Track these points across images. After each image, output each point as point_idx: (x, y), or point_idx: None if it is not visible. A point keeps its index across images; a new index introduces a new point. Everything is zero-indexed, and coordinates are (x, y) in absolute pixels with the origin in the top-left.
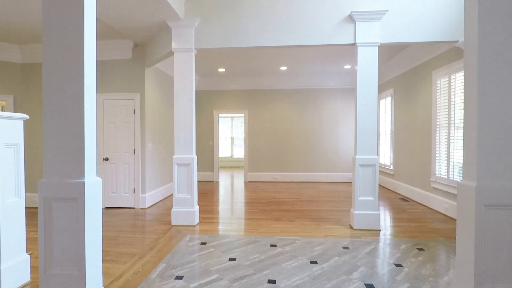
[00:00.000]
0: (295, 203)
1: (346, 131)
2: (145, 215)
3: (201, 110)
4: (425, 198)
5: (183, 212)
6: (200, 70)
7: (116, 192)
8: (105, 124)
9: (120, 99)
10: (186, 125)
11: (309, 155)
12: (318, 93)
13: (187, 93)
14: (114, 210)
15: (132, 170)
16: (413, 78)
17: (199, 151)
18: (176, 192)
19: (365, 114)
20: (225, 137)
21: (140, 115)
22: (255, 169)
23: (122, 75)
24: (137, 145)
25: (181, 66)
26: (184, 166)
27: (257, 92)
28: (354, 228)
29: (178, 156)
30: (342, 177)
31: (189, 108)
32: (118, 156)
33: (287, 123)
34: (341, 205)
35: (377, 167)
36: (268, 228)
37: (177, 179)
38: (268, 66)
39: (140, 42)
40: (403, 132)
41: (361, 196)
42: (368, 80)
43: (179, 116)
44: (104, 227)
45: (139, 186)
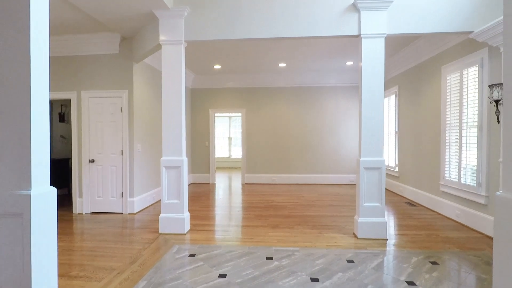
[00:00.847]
0: (294, 207)
1: (348, 130)
2: (132, 221)
3: (196, 109)
4: (434, 203)
5: (171, 219)
6: (194, 67)
7: (102, 196)
8: (91, 124)
9: (107, 97)
10: (175, 124)
11: (309, 156)
12: (318, 91)
13: (176, 89)
14: (100, 215)
15: (119, 172)
16: (420, 75)
17: (194, 152)
18: (164, 198)
19: (371, 113)
20: (223, 137)
21: (128, 113)
22: (253, 170)
23: (109, 71)
24: (125, 146)
25: (170, 60)
26: (172, 169)
27: (255, 90)
28: (359, 237)
29: (166, 158)
30: (343, 179)
31: (179, 106)
32: (104, 158)
33: (286, 122)
34: (343, 210)
35: (384, 170)
36: (264, 237)
37: (165, 183)
38: (266, 62)
39: (127, 36)
40: (408, 132)
41: (366, 202)
42: (374, 75)
43: (168, 115)
44: (85, 236)
45: (127, 190)
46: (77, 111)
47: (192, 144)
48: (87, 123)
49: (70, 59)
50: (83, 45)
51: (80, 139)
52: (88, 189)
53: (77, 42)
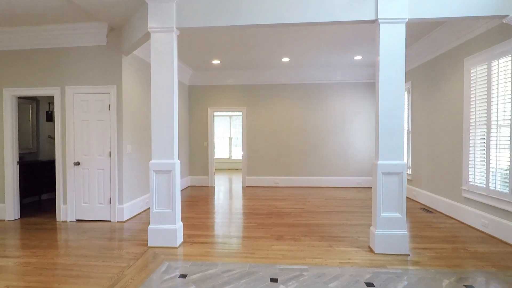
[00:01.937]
0: (299, 214)
1: (355, 130)
2: (120, 231)
3: (194, 107)
4: (454, 210)
5: (162, 230)
6: (192, 62)
7: (89, 202)
8: (76, 122)
9: (94, 93)
10: (166, 122)
11: (313, 157)
12: (324, 88)
13: (167, 83)
14: (86, 224)
15: (107, 176)
16: (437, 69)
17: (192, 153)
18: (154, 206)
19: (390, 110)
20: (223, 137)
21: (116, 111)
22: (254, 172)
23: (96, 65)
24: (113, 147)
25: (160, 50)
26: (163, 173)
27: (256, 87)
28: (376, 252)
29: (156, 161)
30: (350, 181)
31: (170, 102)
32: (91, 160)
33: (290, 121)
34: (354, 218)
35: (405, 176)
36: (267, 251)
37: (154, 190)
38: (269, 57)
39: (116, 25)
40: (423, 132)
41: (385, 212)
42: (393, 66)
43: (157, 112)
44: (64, 250)
45: (115, 195)
46: (61, 108)
47: (190, 145)
48: (71, 121)
49: (52, 51)
50: (66, 36)
51: (64, 139)
52: (73, 194)
53: (60, 33)
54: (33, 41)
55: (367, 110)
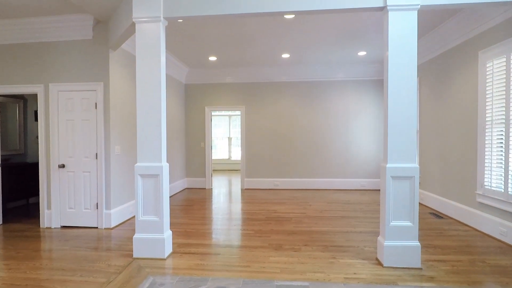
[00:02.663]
0: (300, 220)
1: (359, 130)
2: (106, 239)
3: (191, 106)
4: (467, 216)
5: (148, 240)
6: (187, 59)
7: (74, 207)
8: (60, 122)
9: (79, 90)
10: (153, 122)
11: (315, 158)
12: (326, 86)
13: (154, 79)
14: (71, 230)
15: (94, 179)
16: (447, 63)
17: (189, 154)
18: (139, 213)
19: (400, 107)
20: (223, 137)
21: (103, 110)
22: (253, 174)
23: (81, 60)
24: (100, 148)
25: (146, 42)
26: (149, 177)
27: (255, 85)
28: (385, 265)
29: (142, 164)
30: (354, 184)
31: (157, 100)
32: (76, 162)
33: (290, 121)
34: (358, 224)
35: (417, 180)
36: (264, 263)
37: (140, 196)
38: (268, 53)
39: (102, 18)
40: (432, 131)
41: (395, 221)
42: (404, 59)
43: (143, 110)
44: (41, 261)
45: (102, 200)
46: (45, 107)
47: (187, 146)
48: (56, 121)
49: (35, 46)
50: (50, 29)
51: (48, 140)
52: (57, 199)
53: (43, 26)
54: (14, 35)
55: (371, 109)
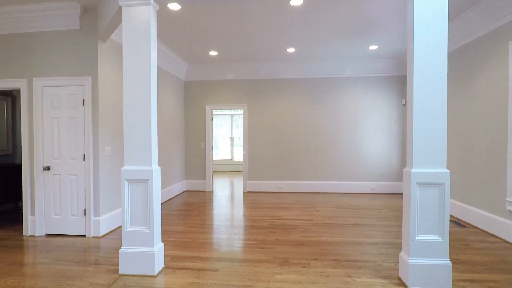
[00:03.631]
0: (308, 228)
1: (369, 130)
2: (93, 250)
3: (190, 105)
4: (496, 226)
5: (136, 255)
6: (186, 54)
7: (60, 213)
8: (45, 120)
9: (65, 86)
10: (142, 120)
11: (322, 159)
12: (334, 82)
13: (143, 71)
14: (57, 239)
15: (81, 183)
16: (472, 56)
17: (188, 155)
18: (126, 224)
19: (428, 104)
20: (225, 138)
21: (92, 106)
22: (256, 176)
23: (68, 52)
24: (88, 149)
25: (134, 29)
26: (138, 183)
27: (258, 82)
28: (409, 286)
29: (129, 167)
30: (363, 187)
31: (146, 95)
32: (63, 164)
33: (296, 120)
34: (373, 233)
35: (448, 187)
36: (269, 282)
37: (127, 203)
38: (272, 47)
39: (90, 5)
40: (453, 130)
41: (421, 235)
42: (432, 49)
43: (131, 107)
44: (14, 279)
45: (90, 206)
46: (28, 104)
47: (186, 146)
48: (40, 119)
49: (17, 38)
50: (33, 19)
51: (32, 140)
52: (42, 204)
53: (25, 15)
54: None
55: (382, 107)
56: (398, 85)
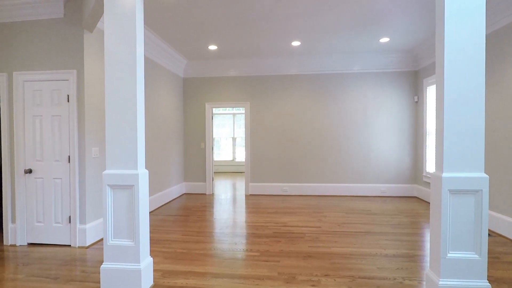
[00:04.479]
0: (316, 237)
1: (379, 129)
2: (77, 262)
3: (189, 103)
4: None
5: (120, 272)
6: (185, 49)
7: (43, 221)
8: (27, 118)
9: (49, 80)
10: (126, 117)
11: (329, 160)
12: (342, 79)
13: (127, 63)
14: (39, 249)
15: (66, 188)
16: (498, 45)
17: (187, 156)
18: (109, 236)
19: (462, 99)
20: (227, 137)
21: (77, 103)
22: (259, 178)
23: (51, 43)
24: (73, 149)
25: (116, 12)
26: (122, 189)
27: (261, 78)
28: None
29: (112, 171)
30: (373, 190)
31: (131, 89)
32: (46, 167)
33: (301, 119)
34: (389, 243)
35: (486, 195)
36: None
37: (109, 212)
38: (276, 41)
39: None
40: None
41: (454, 252)
42: (467, 35)
43: (113, 103)
44: None
45: (76, 212)
46: (8, 100)
47: (185, 146)
48: (21, 117)
49: None
50: (13, 7)
51: (12, 140)
52: (23, 210)
53: (4, 3)
54: None
55: (393, 104)
56: (410, 81)
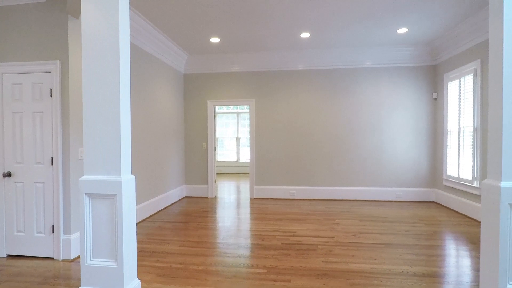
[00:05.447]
0: (330, 250)
1: (395, 128)
2: (59, 280)
3: (190, 100)
4: None
5: None
6: (185, 41)
7: (24, 230)
8: (5, 115)
9: (29, 72)
10: (107, 113)
11: (340, 162)
12: (355, 74)
13: (108, 48)
14: (19, 262)
15: (49, 193)
16: None
17: (188, 157)
18: (87, 255)
19: None
20: (230, 137)
21: (61, 98)
22: (265, 181)
23: (31, 31)
24: (56, 150)
25: None
26: (102, 199)
27: (267, 74)
28: None
29: (90, 178)
30: (387, 194)
31: (113, 80)
32: (27, 170)
33: (309, 117)
34: (414, 258)
35: None
36: None
37: (88, 226)
38: (284, 32)
39: None
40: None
41: None
42: None
43: (91, 95)
44: None
45: (59, 221)
46: None
47: (186, 147)
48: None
49: None
50: None
51: None
52: (2, 218)
53: None
54: None
55: (410, 102)
56: (428, 77)
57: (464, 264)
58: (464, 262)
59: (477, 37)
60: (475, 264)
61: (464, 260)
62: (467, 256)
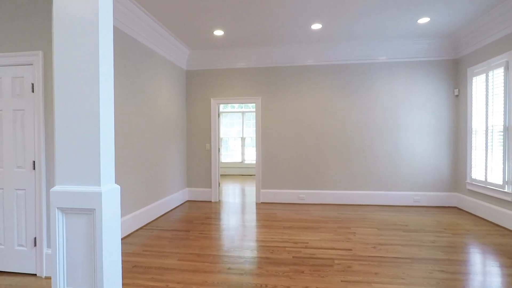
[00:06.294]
0: (348, 265)
1: (411, 127)
2: None
3: (193, 98)
4: None
5: None
6: (186, 34)
7: (3, 243)
8: None
9: (8, 65)
10: (82, 109)
11: (353, 164)
12: (370, 70)
13: (85, 35)
14: None
15: (31, 201)
16: None
17: (191, 159)
18: (60, 284)
19: None
20: (235, 138)
21: (44, 94)
22: (272, 184)
23: (10, 18)
24: (39, 153)
25: None
26: (78, 214)
27: (275, 70)
28: None
29: (63, 188)
30: (404, 198)
31: (92, 72)
32: (6, 175)
33: (320, 116)
34: (448, 276)
35: None
36: None
37: (61, 248)
38: (293, 23)
39: None
40: None
41: None
42: None
43: (64, 87)
44: None
45: (42, 233)
46: None
47: (188, 148)
48: None
49: None
50: None
51: None
52: None
53: None
54: None
55: (429, 99)
56: (448, 72)
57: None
58: (509, 281)
59: (506, 28)
60: None
61: (508, 279)
62: (508, 274)
